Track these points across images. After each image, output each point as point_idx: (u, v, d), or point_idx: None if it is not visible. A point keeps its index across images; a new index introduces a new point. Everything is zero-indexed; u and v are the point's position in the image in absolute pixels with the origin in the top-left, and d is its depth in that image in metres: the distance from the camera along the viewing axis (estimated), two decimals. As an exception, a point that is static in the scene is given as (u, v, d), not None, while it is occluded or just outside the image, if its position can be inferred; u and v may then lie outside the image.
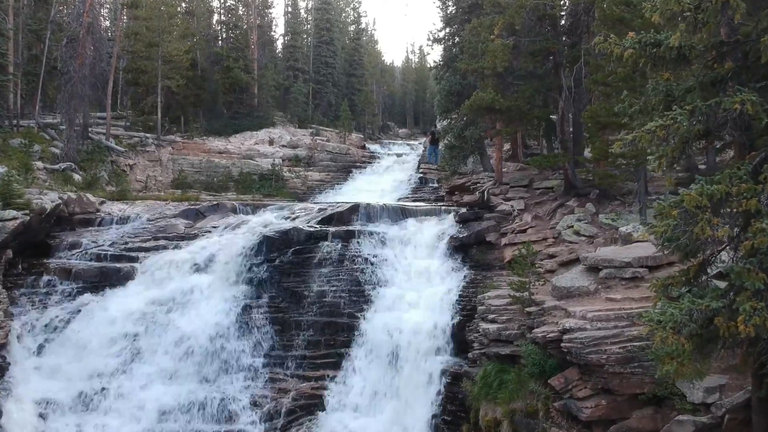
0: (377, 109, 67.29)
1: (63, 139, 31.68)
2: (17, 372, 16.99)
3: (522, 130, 26.96)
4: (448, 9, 27.77)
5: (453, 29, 25.64)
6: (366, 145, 49.47)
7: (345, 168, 42.42)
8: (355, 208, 22.69)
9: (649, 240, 9.06)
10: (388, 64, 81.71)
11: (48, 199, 21.27)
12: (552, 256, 17.71)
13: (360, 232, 21.19)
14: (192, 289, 19.40)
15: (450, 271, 19.81)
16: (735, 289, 8.35)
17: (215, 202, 24.97)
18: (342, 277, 19.78)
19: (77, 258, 20.71)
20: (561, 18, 19.78)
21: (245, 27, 49.82)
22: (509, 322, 14.74)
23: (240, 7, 51.32)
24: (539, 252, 18.06)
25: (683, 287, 9.51)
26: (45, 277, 19.54)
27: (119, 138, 36.67)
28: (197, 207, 24.46)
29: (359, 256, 20.30)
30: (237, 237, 21.12)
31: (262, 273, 19.91)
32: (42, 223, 20.78)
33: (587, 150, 21.99)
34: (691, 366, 8.60)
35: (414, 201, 34.26)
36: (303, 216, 23.03)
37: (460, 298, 18.33)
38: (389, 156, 45.75)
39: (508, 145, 28.74)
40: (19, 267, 19.73)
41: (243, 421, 17.25)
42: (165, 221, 23.41)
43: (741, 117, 8.04)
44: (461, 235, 20.80)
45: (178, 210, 24.36)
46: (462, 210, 22.36)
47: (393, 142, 55.19)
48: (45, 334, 18.13)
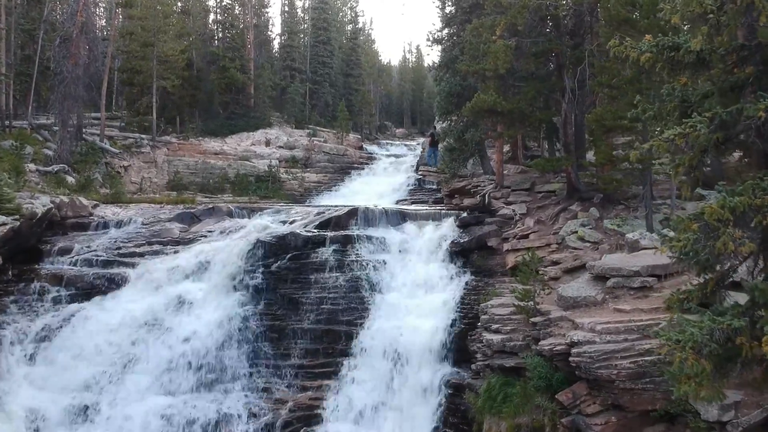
0: (374, 109, 66.76)
1: (56, 141, 31.21)
2: (7, 382, 16.56)
3: (524, 132, 26.52)
4: (446, 9, 27.31)
5: (453, 30, 25.16)
6: (363, 146, 49.08)
7: (342, 169, 41.99)
8: (354, 212, 22.22)
9: (666, 254, 8.49)
10: (385, 63, 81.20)
11: (39, 204, 20.79)
12: (556, 262, 17.28)
13: (358, 236, 20.73)
14: (186, 297, 18.90)
15: (451, 277, 19.37)
16: (758, 307, 7.91)
17: (211, 205, 24.48)
18: (340, 284, 19.29)
19: (69, 264, 20.22)
20: (564, 18, 19.30)
21: (241, 26, 49.32)
22: (513, 332, 14.28)
23: (236, 7, 50.82)
24: (542, 258, 17.62)
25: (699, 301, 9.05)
26: (36, 284, 19.03)
27: (114, 139, 36.18)
28: (192, 210, 23.95)
29: (358, 261, 19.85)
30: (233, 242, 20.64)
31: (258, 279, 19.40)
32: (33, 229, 20.31)
33: (590, 152, 21.61)
34: (710, 387, 8.15)
35: (412, 203, 33.87)
36: (300, 220, 22.56)
37: (461, 305, 17.90)
38: (387, 157, 45.36)
39: (507, 147, 28.29)
40: (9, 273, 19.24)
41: (239, 433, 16.83)
42: (159, 225, 22.93)
43: (765, 125, 7.60)
44: (462, 240, 20.37)
45: (172, 214, 23.85)
46: (462, 214, 21.92)
47: (391, 142, 54.74)
48: (36, 342, 17.63)
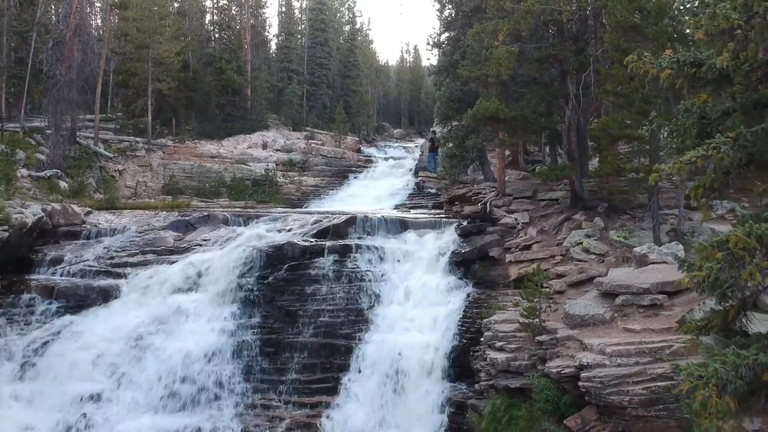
0: (372, 110, 66.29)
1: (49, 145, 30.65)
2: (-5, 400, 16.10)
3: (526, 140, 26.05)
4: (445, 12, 26.77)
5: (453, 33, 24.63)
6: (361, 149, 48.56)
7: (340, 173, 41.46)
8: (352, 220, 21.74)
9: (688, 283, 7.99)
10: (382, 63, 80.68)
11: (30, 213, 20.28)
12: (560, 275, 16.79)
13: (357, 246, 20.27)
14: (180, 309, 18.43)
15: (452, 289, 18.89)
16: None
17: (206, 213, 23.96)
18: (338, 296, 18.84)
19: (60, 274, 19.76)
20: (568, 23, 18.79)
21: (238, 27, 48.76)
22: (518, 351, 13.79)
23: (233, 7, 50.28)
24: (546, 270, 17.14)
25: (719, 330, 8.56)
26: (26, 296, 18.58)
27: (108, 142, 35.64)
28: (187, 218, 23.46)
29: (356, 272, 19.38)
30: (228, 252, 20.14)
31: (254, 291, 18.94)
32: (23, 239, 19.82)
33: (594, 159, 21.11)
34: (734, 424, 7.67)
35: (411, 208, 33.34)
36: (297, 228, 22.07)
37: (463, 318, 17.39)
38: (385, 160, 44.85)
39: (508, 151, 27.78)
40: (-1, 285, 18.81)
41: (235, 452, 16.35)
42: (153, 234, 22.44)
43: (795, 147, 7.14)
44: (463, 250, 19.89)
45: (167, 221, 23.35)
46: (463, 223, 21.42)
47: (389, 144, 54.20)
48: (25, 358, 17.14)
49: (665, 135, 8.75)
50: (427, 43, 26.90)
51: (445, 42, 25.35)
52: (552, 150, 22.28)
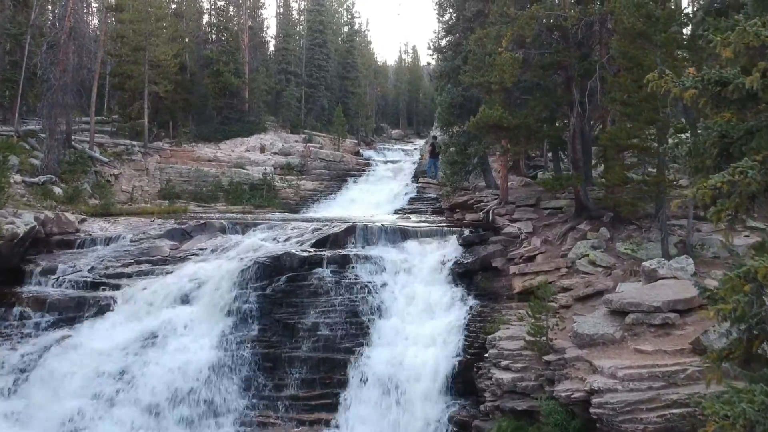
0: (371, 112, 65.82)
1: (44, 150, 30.15)
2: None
3: (531, 148, 25.61)
4: (445, 15, 26.27)
5: (454, 38, 24.15)
6: (360, 151, 48.13)
7: (339, 176, 40.99)
8: (352, 229, 21.28)
9: (713, 317, 7.53)
10: (381, 63, 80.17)
11: (22, 223, 19.81)
12: (566, 289, 16.34)
13: (357, 256, 19.81)
14: (175, 322, 17.93)
15: (454, 301, 18.40)
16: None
17: (203, 221, 23.46)
18: (338, 308, 18.34)
19: (53, 285, 19.27)
20: (573, 28, 18.30)
21: (236, 29, 48.26)
22: (525, 371, 13.33)
23: (231, 8, 49.78)
24: (552, 283, 16.71)
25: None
26: (17, 309, 18.12)
27: (104, 146, 35.13)
28: (183, 227, 23.00)
29: (356, 283, 18.90)
30: (225, 262, 19.68)
31: (251, 303, 18.42)
32: (15, 249, 19.36)
33: (598, 167, 20.67)
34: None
35: (411, 213, 32.95)
36: (295, 237, 21.63)
37: (466, 333, 16.91)
38: (384, 163, 44.40)
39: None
40: (-12, 297, 18.33)
41: (232, 472, 15.89)
42: (149, 242, 21.99)
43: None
44: (465, 261, 19.44)
45: (162, 230, 22.90)
46: (465, 232, 20.94)
47: (388, 147, 53.68)
48: (15, 373, 16.65)
49: (683, 153, 8.24)
50: (428, 48, 26.47)
51: (446, 46, 24.84)
52: (555, 156, 21.81)
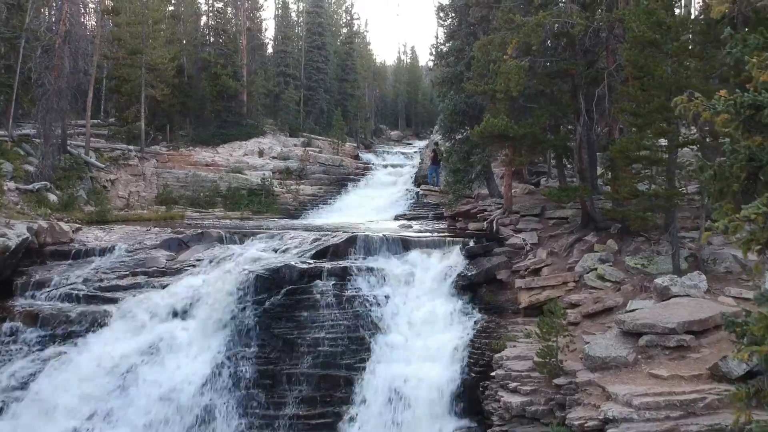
0: (370, 113, 65.39)
1: (38, 156, 29.62)
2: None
3: (537, 158, 25.12)
4: (447, 20, 25.72)
5: (457, 43, 23.62)
6: (359, 155, 47.67)
7: (338, 181, 40.52)
8: (353, 240, 20.77)
9: (747, 358, 7.06)
10: (379, 63, 79.75)
11: (14, 234, 19.27)
12: (574, 305, 15.87)
13: (358, 268, 19.34)
14: (171, 338, 17.42)
15: (458, 315, 17.97)
16: None
17: (200, 230, 22.93)
18: (339, 322, 17.88)
19: (46, 299, 18.72)
20: (579, 35, 17.78)
21: (234, 30, 47.72)
22: (534, 394, 12.85)
23: (229, 10, 49.23)
24: (558, 299, 16.27)
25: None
26: (8, 324, 17.52)
27: (100, 151, 34.58)
28: (180, 236, 22.47)
29: (357, 297, 18.45)
30: (223, 274, 19.15)
31: (250, 317, 17.94)
32: (7, 261, 18.89)
33: (603, 176, 20.16)
34: None
35: (412, 219, 32.49)
36: (295, 248, 21.10)
37: (471, 349, 16.50)
38: (384, 167, 43.94)
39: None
40: (-21, 312, 17.80)
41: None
42: (145, 253, 21.48)
43: None
44: (469, 273, 18.97)
45: (159, 239, 22.38)
46: (469, 243, 20.41)
47: (387, 150, 53.18)
48: (7, 392, 16.12)
49: (707, 177, 7.76)
50: (430, 53, 25.87)
51: (449, 52, 24.32)
52: (559, 164, 21.28)
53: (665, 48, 15.12)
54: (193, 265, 20.49)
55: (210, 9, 49.41)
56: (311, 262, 19.79)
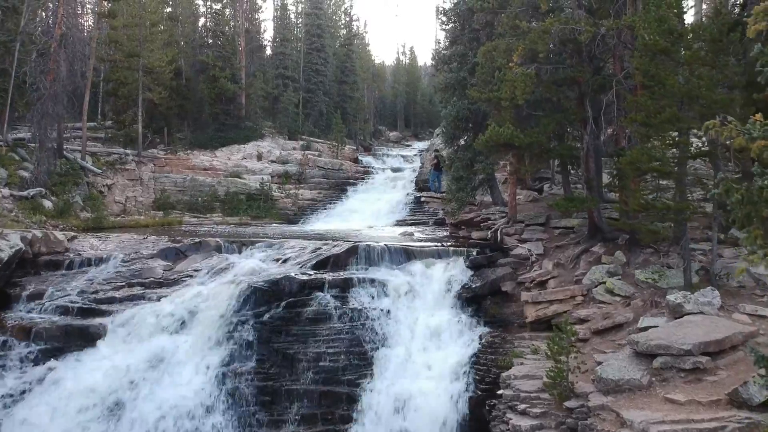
0: (368, 115, 64.98)
1: (34, 161, 29.16)
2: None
3: (543, 167, 24.67)
4: (449, 24, 25.22)
5: (460, 48, 23.14)
6: (359, 158, 47.28)
7: (338, 185, 40.14)
8: (354, 250, 20.33)
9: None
10: (378, 64, 79.30)
11: (7, 246, 18.85)
12: (583, 320, 15.38)
13: (360, 279, 18.90)
14: (168, 353, 16.90)
15: (462, 329, 17.51)
16: None
17: (197, 239, 22.45)
18: (340, 336, 17.41)
19: (40, 311, 18.26)
20: (587, 40, 17.30)
21: (232, 32, 47.26)
22: (544, 417, 12.37)
23: (227, 12, 48.77)
24: (566, 313, 15.83)
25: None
26: (0, 339, 17.06)
27: (97, 155, 34.16)
28: (177, 246, 22.01)
29: (359, 309, 17.97)
30: (221, 286, 18.71)
31: (248, 331, 17.44)
32: (0, 273, 18.36)
33: (610, 185, 19.71)
34: None
35: (412, 224, 32.13)
36: (295, 258, 20.67)
37: (476, 365, 15.99)
38: (384, 171, 43.56)
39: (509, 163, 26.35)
40: (-29, 326, 17.30)
41: None
42: (141, 263, 21.03)
43: None
44: (474, 285, 18.52)
45: (156, 248, 21.93)
46: (473, 253, 19.99)
47: (387, 153, 52.85)
48: (-4, 411, 15.68)
49: (734, 200, 7.32)
50: (433, 58, 25.39)
51: (451, 57, 23.83)
52: (564, 172, 20.82)
53: (677, 56, 14.68)
54: (191, 276, 20.10)
55: (208, 11, 48.98)
56: (311, 273, 19.33)
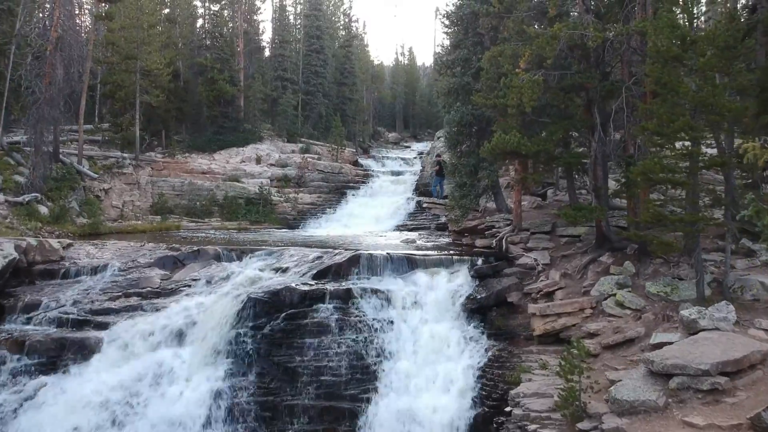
0: (368, 116, 64.57)
1: (29, 166, 28.70)
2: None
3: (549, 175, 24.25)
4: (452, 28, 24.78)
5: (463, 52, 22.68)
6: (359, 161, 46.85)
7: (338, 189, 39.68)
8: (355, 259, 19.86)
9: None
10: (377, 65, 78.95)
11: (1, 255, 18.40)
12: (593, 334, 14.94)
13: (362, 290, 18.42)
14: (165, 367, 16.44)
15: (467, 341, 17.05)
16: None
17: (196, 248, 21.98)
18: (342, 349, 16.93)
19: (34, 323, 17.79)
20: (595, 45, 16.85)
21: (230, 34, 46.79)
22: (556, 439, 11.97)
23: (225, 13, 48.30)
24: (575, 326, 15.43)
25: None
26: (-8, 352, 16.60)
27: (93, 159, 33.70)
28: (175, 254, 21.55)
29: (361, 321, 17.50)
30: (219, 298, 18.23)
31: (248, 344, 16.95)
32: (-8, 284, 17.93)
33: (618, 194, 19.28)
34: None
35: (414, 229, 31.69)
36: (295, 267, 20.19)
37: (483, 380, 15.56)
38: (384, 174, 43.10)
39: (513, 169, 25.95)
40: (-38, 339, 16.82)
41: None
42: (138, 272, 20.58)
43: None
44: (479, 296, 18.08)
45: (153, 257, 21.48)
46: (478, 262, 19.53)
47: (387, 155, 52.36)
48: (-12, 428, 15.22)
49: (765, 222, 6.90)
50: (436, 63, 24.92)
51: (455, 62, 23.37)
52: (569, 179, 20.38)
53: (690, 63, 14.25)
54: (189, 285, 19.68)
55: (206, 12, 48.54)
56: (312, 283, 18.86)
